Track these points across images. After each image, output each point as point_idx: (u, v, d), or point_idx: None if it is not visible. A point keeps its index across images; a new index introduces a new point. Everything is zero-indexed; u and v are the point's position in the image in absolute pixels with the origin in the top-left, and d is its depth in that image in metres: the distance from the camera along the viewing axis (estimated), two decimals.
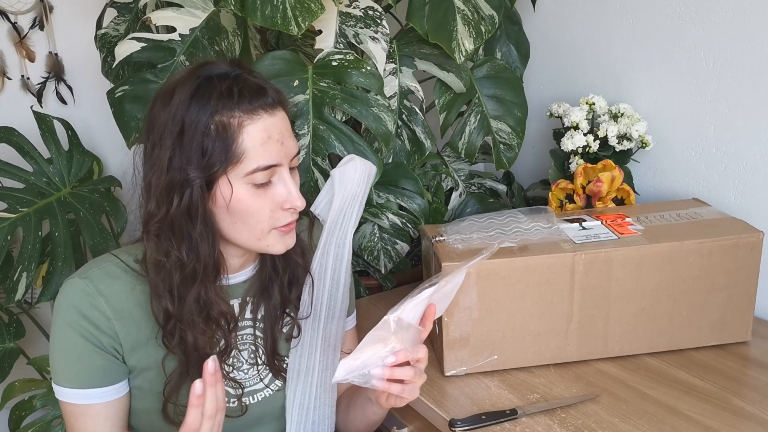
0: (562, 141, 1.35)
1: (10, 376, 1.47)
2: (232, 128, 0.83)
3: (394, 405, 0.90)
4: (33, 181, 1.50)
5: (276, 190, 0.88)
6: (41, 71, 1.72)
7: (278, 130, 0.86)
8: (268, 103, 0.86)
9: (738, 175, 1.25)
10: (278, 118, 0.87)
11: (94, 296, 0.89)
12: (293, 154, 0.89)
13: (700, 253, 1.05)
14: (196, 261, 0.87)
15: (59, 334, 0.90)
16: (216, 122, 0.83)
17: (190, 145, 0.83)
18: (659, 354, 1.09)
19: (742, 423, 0.92)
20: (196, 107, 0.83)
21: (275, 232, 0.90)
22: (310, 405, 1.02)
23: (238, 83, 0.85)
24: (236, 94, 0.84)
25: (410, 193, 1.34)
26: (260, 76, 0.90)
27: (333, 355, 1.03)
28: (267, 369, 1.00)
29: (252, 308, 0.99)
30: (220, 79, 0.85)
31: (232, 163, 0.84)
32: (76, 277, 0.91)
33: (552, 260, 1.03)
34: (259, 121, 0.85)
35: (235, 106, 0.84)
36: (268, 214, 0.88)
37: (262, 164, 0.85)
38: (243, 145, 0.84)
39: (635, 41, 1.40)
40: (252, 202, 0.86)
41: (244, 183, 0.85)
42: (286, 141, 0.87)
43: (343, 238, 1.01)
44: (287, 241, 0.92)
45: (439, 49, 1.28)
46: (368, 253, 1.35)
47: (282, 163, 0.87)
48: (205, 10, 1.26)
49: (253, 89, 0.86)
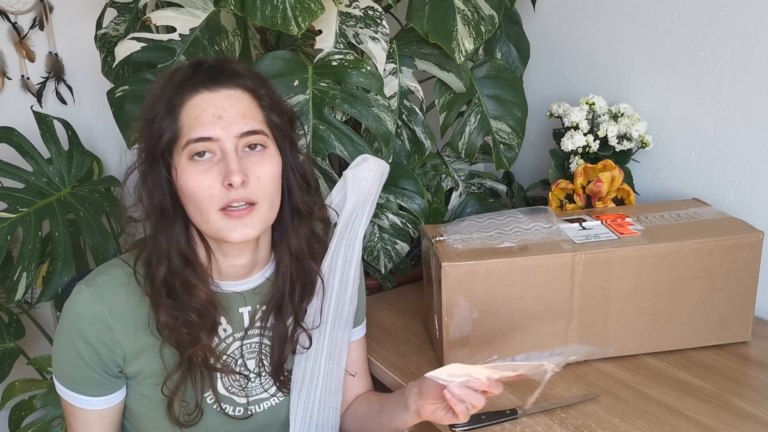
0: (562, 141, 1.34)
1: (10, 376, 1.47)
2: (176, 107, 0.86)
3: (436, 419, 0.89)
4: (33, 181, 1.50)
5: (217, 168, 0.85)
6: (41, 71, 1.72)
7: (218, 104, 0.86)
8: (218, 82, 0.87)
9: (738, 175, 1.25)
10: (223, 95, 0.86)
11: (97, 309, 0.89)
12: (240, 131, 0.86)
13: (700, 253, 1.05)
14: (170, 247, 0.89)
15: (61, 339, 0.92)
16: (166, 103, 0.86)
17: (150, 131, 0.87)
18: (659, 354, 1.09)
19: (742, 423, 0.92)
20: (160, 94, 0.87)
21: (221, 215, 0.86)
22: (314, 408, 1.01)
23: (201, 68, 0.88)
24: (190, 76, 0.87)
25: (410, 193, 1.34)
26: (244, 67, 0.91)
27: (339, 358, 1.02)
28: (272, 379, 0.99)
29: (262, 317, 0.98)
30: (191, 66, 0.89)
31: (175, 140, 0.86)
32: (83, 284, 0.91)
33: (552, 260, 1.03)
34: (197, 96, 0.86)
35: (182, 86, 0.86)
36: (207, 191, 0.85)
37: (194, 136, 0.85)
38: (181, 121, 0.86)
39: (635, 41, 1.40)
40: (192, 179, 0.85)
41: (185, 158, 0.86)
42: (226, 116, 0.85)
43: (353, 240, 1.01)
44: (241, 228, 0.86)
45: (439, 49, 1.28)
46: (368, 253, 1.35)
47: (219, 137, 0.85)
48: (205, 10, 1.26)
49: (211, 72, 0.87)
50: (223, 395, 0.96)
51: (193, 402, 0.93)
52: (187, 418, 0.93)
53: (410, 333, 1.23)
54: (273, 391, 1.00)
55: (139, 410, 0.95)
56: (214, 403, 0.95)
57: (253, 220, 0.87)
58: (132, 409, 0.96)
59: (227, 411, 0.96)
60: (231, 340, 0.97)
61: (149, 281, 0.90)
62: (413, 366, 1.12)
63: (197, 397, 0.93)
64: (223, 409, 0.96)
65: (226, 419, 0.96)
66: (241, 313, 0.97)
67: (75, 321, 0.90)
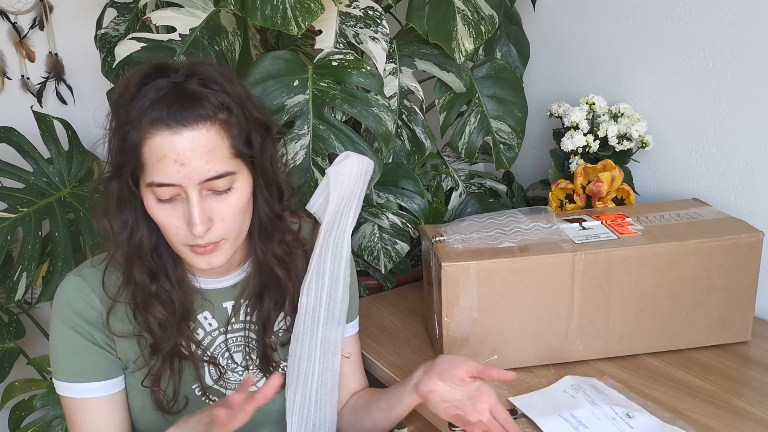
0: (562, 141, 1.35)
1: (10, 376, 1.47)
2: (137, 137, 0.82)
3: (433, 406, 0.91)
4: (33, 181, 1.50)
5: (181, 208, 0.84)
6: (41, 71, 1.72)
7: (180, 149, 0.81)
8: (181, 121, 0.81)
9: (738, 175, 1.25)
10: (185, 138, 0.81)
11: (86, 293, 0.91)
12: (204, 177, 0.82)
13: (700, 253, 1.05)
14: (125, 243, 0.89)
15: (56, 330, 0.92)
16: (130, 124, 0.82)
17: (116, 141, 0.85)
18: (659, 354, 1.09)
19: (742, 423, 0.92)
20: (127, 107, 0.83)
21: (188, 249, 0.87)
22: (311, 408, 1.02)
23: (161, 97, 0.82)
24: (155, 100, 0.81)
25: (410, 193, 1.34)
26: (213, 82, 0.85)
27: (333, 356, 1.03)
28: (260, 372, 1.00)
29: (246, 311, 0.99)
30: (154, 90, 0.83)
31: (138, 173, 0.84)
32: (72, 274, 0.94)
33: (552, 260, 1.03)
34: (158, 136, 0.81)
35: (146, 113, 0.81)
36: (174, 230, 0.85)
37: (156, 181, 0.82)
38: (144, 156, 0.82)
39: (635, 41, 1.40)
40: (158, 214, 0.85)
41: (150, 194, 0.84)
42: (189, 163, 0.81)
43: (341, 237, 1.01)
44: (209, 259, 0.88)
45: (439, 49, 1.28)
46: (368, 253, 1.35)
47: (183, 185, 0.82)
48: (205, 10, 1.26)
49: (172, 100, 0.81)
50: (211, 387, 0.97)
51: (175, 391, 0.95)
52: (174, 405, 0.95)
53: (410, 333, 1.23)
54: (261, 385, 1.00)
55: (131, 403, 0.97)
56: (202, 395, 0.97)
57: (218, 253, 0.88)
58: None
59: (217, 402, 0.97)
60: (216, 333, 0.98)
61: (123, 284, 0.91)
62: (413, 366, 1.11)
63: (176, 386, 0.94)
64: (213, 401, 0.97)
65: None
66: (225, 307, 0.98)
67: (68, 303, 0.91)
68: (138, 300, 0.91)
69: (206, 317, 0.97)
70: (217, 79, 0.86)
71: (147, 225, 0.89)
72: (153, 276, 0.91)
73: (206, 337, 0.98)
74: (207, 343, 0.97)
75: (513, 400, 0.98)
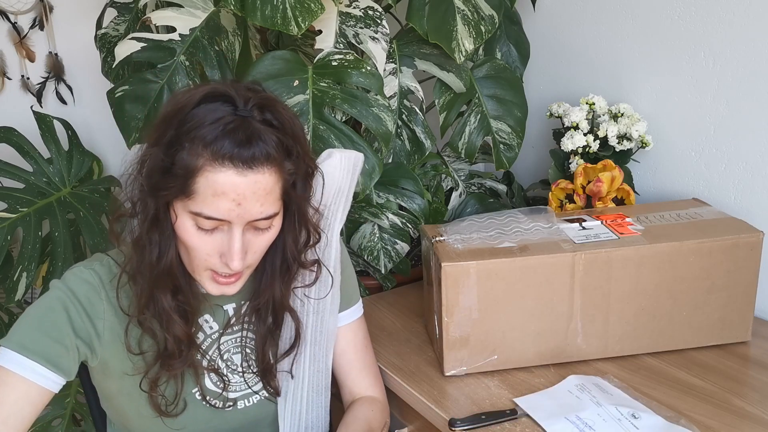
0: (562, 141, 1.35)
1: None
2: (193, 164, 0.80)
3: None
4: (33, 181, 1.50)
5: (219, 238, 0.84)
6: (41, 71, 1.72)
7: (240, 191, 0.80)
8: (249, 165, 0.79)
9: (738, 175, 1.25)
10: (249, 181, 0.80)
11: (98, 288, 0.90)
12: (254, 218, 0.83)
13: (700, 253, 1.05)
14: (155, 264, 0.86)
15: (43, 304, 0.88)
16: (185, 149, 0.80)
17: (159, 159, 0.82)
18: (659, 354, 1.09)
19: (742, 423, 0.92)
20: (182, 128, 0.81)
21: (209, 274, 0.87)
22: (302, 410, 1.02)
23: (232, 123, 0.80)
24: (219, 133, 0.79)
25: (410, 193, 1.34)
26: (278, 120, 0.83)
27: (325, 357, 1.03)
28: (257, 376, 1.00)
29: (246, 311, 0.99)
30: (222, 111, 0.81)
31: (183, 197, 0.82)
32: (82, 266, 0.91)
33: (552, 260, 1.03)
34: (221, 173, 0.79)
35: (210, 144, 0.79)
36: (205, 257, 0.85)
37: (206, 213, 0.81)
38: (196, 185, 0.80)
39: (635, 41, 1.40)
40: (192, 239, 0.84)
41: (188, 217, 0.83)
42: (246, 204, 0.81)
43: (330, 237, 1.01)
44: (223, 288, 0.88)
45: (439, 49, 1.28)
46: (368, 253, 1.35)
47: (232, 221, 0.82)
48: (205, 10, 1.26)
49: (242, 138, 0.79)
50: (210, 390, 0.97)
51: (175, 395, 0.93)
52: (171, 406, 0.93)
53: (410, 333, 1.23)
54: (258, 388, 1.00)
55: (128, 410, 0.95)
56: (201, 399, 0.96)
57: (237, 283, 0.89)
58: (119, 407, 0.96)
59: (216, 405, 0.97)
60: (216, 336, 0.98)
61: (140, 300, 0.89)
62: (413, 366, 1.12)
63: (177, 389, 0.93)
64: (212, 404, 0.97)
65: (214, 412, 0.97)
66: (225, 309, 0.98)
67: (69, 289, 0.88)
68: (159, 317, 0.89)
69: (207, 320, 0.97)
70: (283, 117, 0.85)
71: (175, 244, 0.87)
72: (175, 293, 0.89)
73: (206, 340, 0.97)
74: (207, 345, 0.97)
75: (517, 401, 0.98)
